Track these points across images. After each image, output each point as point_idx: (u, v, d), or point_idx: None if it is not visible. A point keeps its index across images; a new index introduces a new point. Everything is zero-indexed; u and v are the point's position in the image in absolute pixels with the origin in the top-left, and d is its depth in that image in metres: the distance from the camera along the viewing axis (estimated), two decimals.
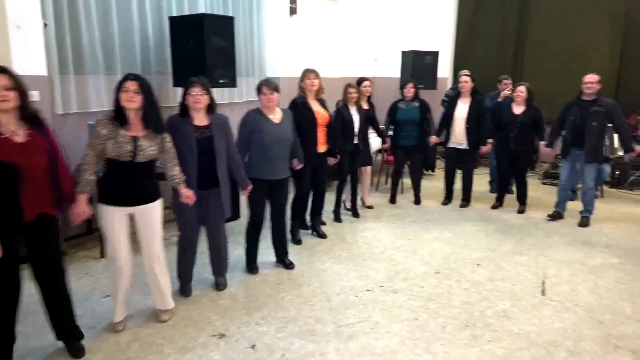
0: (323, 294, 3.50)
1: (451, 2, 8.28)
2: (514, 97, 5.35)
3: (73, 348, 2.72)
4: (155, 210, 2.88)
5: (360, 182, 5.50)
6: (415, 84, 5.62)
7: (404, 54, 7.55)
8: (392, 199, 5.87)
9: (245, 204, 3.80)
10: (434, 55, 7.47)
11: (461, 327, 3.07)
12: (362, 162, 5.24)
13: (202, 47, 4.45)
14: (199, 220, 3.32)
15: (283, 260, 3.95)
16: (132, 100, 2.64)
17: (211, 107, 3.18)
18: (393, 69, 7.91)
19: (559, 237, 4.72)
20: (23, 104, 2.36)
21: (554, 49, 7.81)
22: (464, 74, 5.65)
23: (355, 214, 5.28)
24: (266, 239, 3.97)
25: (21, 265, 2.49)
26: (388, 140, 5.68)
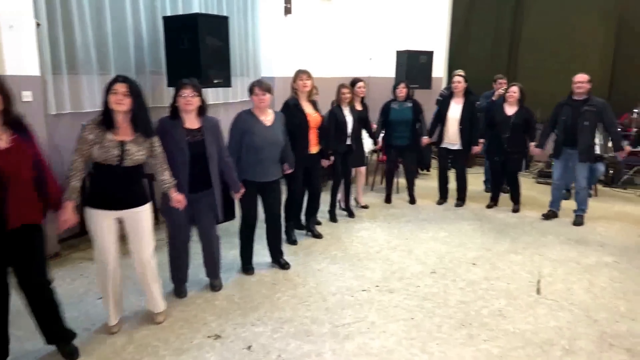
0: (319, 294, 3.50)
1: (446, 1, 8.30)
2: (507, 97, 5.36)
3: (66, 350, 2.69)
4: (144, 214, 2.83)
5: (355, 183, 5.51)
6: (407, 84, 5.62)
7: (398, 53, 7.56)
8: (388, 199, 5.88)
9: (237, 205, 3.78)
10: (429, 55, 7.48)
11: (457, 326, 3.08)
12: (355, 163, 5.24)
13: (197, 47, 4.44)
14: (190, 222, 3.30)
15: (278, 260, 3.94)
16: (120, 103, 2.58)
17: (202, 109, 3.15)
18: (388, 69, 7.91)
19: (553, 236, 4.74)
20: (7, 108, 2.28)
21: (548, 49, 7.88)
22: (458, 74, 5.67)
23: (350, 214, 5.29)
24: (261, 239, 3.96)
25: (8, 269, 2.45)
26: (379, 141, 5.69)
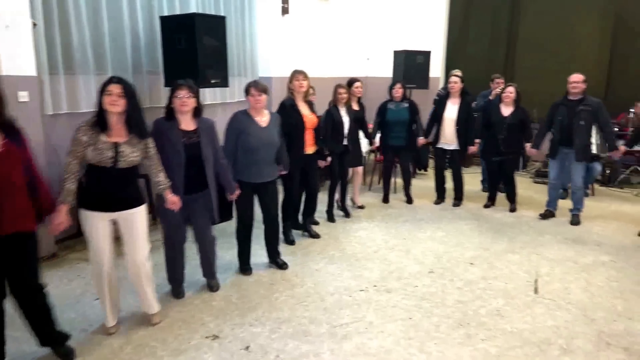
0: (317, 294, 3.49)
1: (443, 2, 8.31)
2: (503, 97, 5.36)
3: (61, 351, 2.67)
4: (138, 215, 2.80)
5: (352, 183, 5.49)
6: (403, 84, 5.62)
7: (396, 53, 7.55)
8: (385, 199, 5.88)
9: (234, 206, 3.77)
10: (426, 55, 7.48)
11: (455, 326, 3.08)
12: (352, 163, 5.23)
13: (194, 47, 4.42)
14: (186, 222, 3.28)
15: (276, 260, 3.94)
16: (115, 104, 2.55)
17: (198, 111, 3.13)
18: (385, 69, 7.91)
19: (550, 236, 4.75)
20: None
21: (545, 49, 7.91)
22: (455, 74, 5.67)
23: (347, 214, 5.27)
24: (259, 240, 3.95)
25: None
26: (375, 142, 5.69)
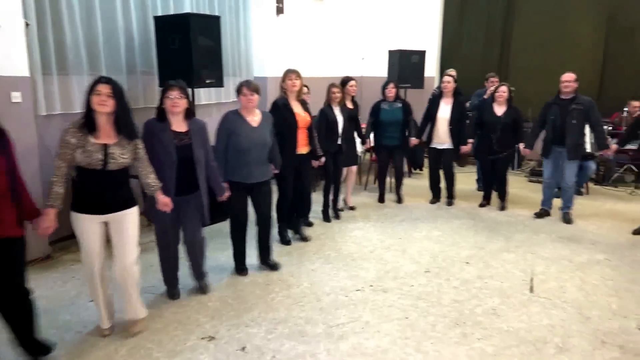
0: (313, 294, 3.49)
1: (437, 1, 8.32)
2: (496, 97, 5.37)
3: None
4: (130, 217, 2.75)
5: (345, 182, 5.46)
6: (396, 83, 5.62)
7: (390, 53, 7.56)
8: (381, 199, 5.87)
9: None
10: (421, 55, 7.49)
11: (451, 325, 3.09)
12: (346, 162, 5.21)
13: (188, 47, 4.41)
14: (178, 224, 3.25)
15: (267, 262, 3.90)
16: (104, 104, 2.51)
17: (189, 112, 3.11)
18: (380, 69, 7.91)
19: (545, 235, 4.77)
20: None
21: (539, 48, 7.94)
22: (449, 73, 5.69)
23: (337, 215, 5.21)
24: (255, 240, 3.93)
25: None
26: (368, 141, 5.67)
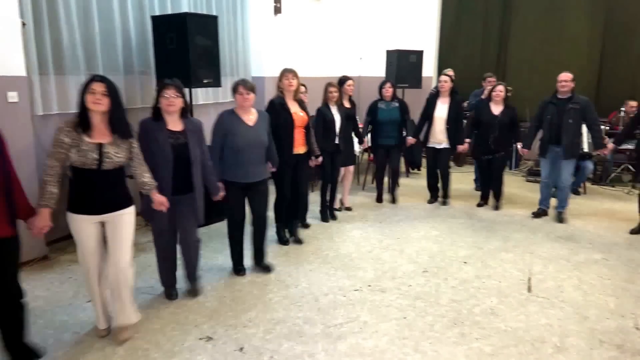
0: (311, 294, 3.48)
1: (435, 1, 8.33)
2: (493, 96, 5.39)
3: None
4: (126, 217, 2.72)
5: (342, 183, 5.45)
6: (393, 83, 5.62)
7: (388, 53, 7.56)
8: (379, 198, 5.87)
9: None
10: (419, 55, 7.49)
11: (449, 325, 3.09)
12: (344, 162, 5.20)
13: (186, 47, 4.40)
14: (174, 224, 3.24)
15: (260, 264, 3.87)
16: (99, 103, 2.47)
17: (185, 111, 3.09)
18: (378, 68, 7.91)
19: (543, 234, 4.78)
20: None
21: (537, 48, 7.95)
22: (446, 73, 5.70)
23: (333, 216, 5.19)
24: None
25: None
26: (365, 141, 5.66)
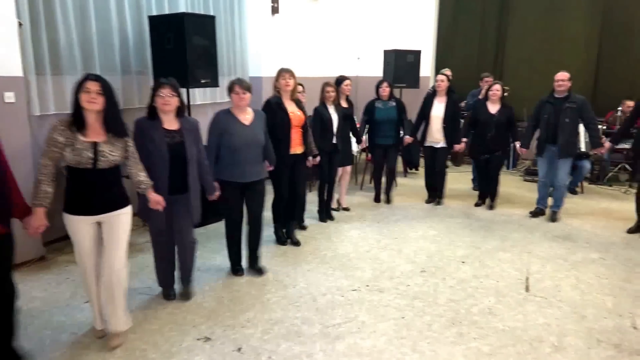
0: (309, 294, 3.48)
1: (432, 1, 8.33)
2: (490, 96, 5.40)
3: None
4: (123, 217, 2.70)
5: (339, 183, 5.44)
6: (390, 82, 5.62)
7: (386, 53, 7.57)
8: (377, 198, 5.87)
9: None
10: (416, 54, 7.50)
11: (447, 325, 3.09)
12: (342, 162, 5.18)
13: (183, 47, 4.39)
14: (171, 224, 3.22)
15: (253, 266, 3.84)
16: (94, 102, 2.46)
17: (180, 110, 3.08)
18: (375, 68, 7.92)
19: (541, 234, 4.79)
20: None
21: (534, 48, 7.97)
22: (443, 73, 5.71)
23: (330, 217, 5.18)
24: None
25: None
26: (363, 141, 5.66)
